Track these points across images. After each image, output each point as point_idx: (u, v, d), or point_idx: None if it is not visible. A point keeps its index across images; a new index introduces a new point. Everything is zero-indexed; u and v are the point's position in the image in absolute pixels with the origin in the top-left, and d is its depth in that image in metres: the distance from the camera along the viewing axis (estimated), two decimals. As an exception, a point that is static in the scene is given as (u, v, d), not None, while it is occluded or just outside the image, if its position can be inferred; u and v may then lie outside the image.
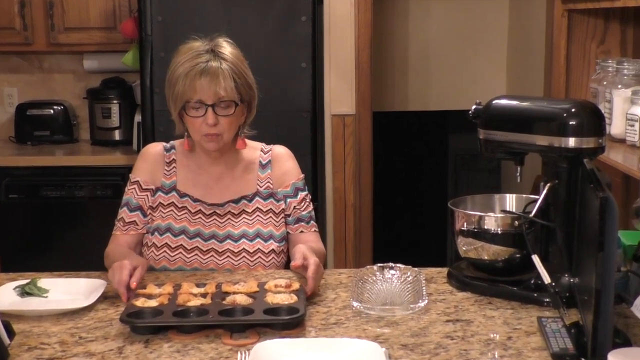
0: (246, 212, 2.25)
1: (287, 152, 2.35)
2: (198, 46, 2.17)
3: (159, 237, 2.22)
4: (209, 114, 2.12)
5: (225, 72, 2.12)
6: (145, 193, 2.25)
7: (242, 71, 2.16)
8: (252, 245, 2.22)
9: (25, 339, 1.71)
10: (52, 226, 3.92)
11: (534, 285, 1.89)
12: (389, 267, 1.94)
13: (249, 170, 2.29)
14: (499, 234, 1.94)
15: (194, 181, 2.26)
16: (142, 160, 2.30)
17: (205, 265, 2.21)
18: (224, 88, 2.11)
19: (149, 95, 3.54)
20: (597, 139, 1.82)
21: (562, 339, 1.61)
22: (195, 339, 1.68)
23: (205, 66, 2.11)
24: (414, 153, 5.87)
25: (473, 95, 3.86)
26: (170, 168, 2.27)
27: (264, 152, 2.31)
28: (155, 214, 2.24)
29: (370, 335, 1.70)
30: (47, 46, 4.12)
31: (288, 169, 2.31)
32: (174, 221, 2.22)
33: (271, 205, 2.27)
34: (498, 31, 4.84)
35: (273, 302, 1.81)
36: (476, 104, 2.03)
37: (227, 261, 2.21)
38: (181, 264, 2.20)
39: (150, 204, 2.25)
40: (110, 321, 1.81)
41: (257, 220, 2.25)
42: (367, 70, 3.91)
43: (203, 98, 2.12)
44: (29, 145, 4.28)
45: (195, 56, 2.14)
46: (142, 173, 2.27)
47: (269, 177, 2.29)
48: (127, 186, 2.28)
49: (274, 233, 2.25)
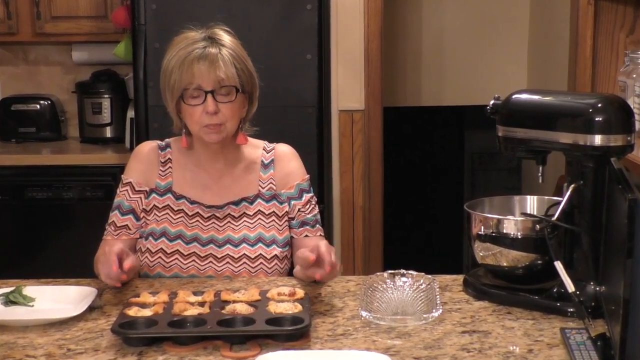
0: (247, 215, 2.26)
1: (291, 151, 2.35)
2: (194, 35, 2.18)
3: (154, 242, 2.22)
4: (209, 101, 2.12)
5: (225, 57, 2.13)
6: (139, 195, 2.26)
7: (242, 58, 2.17)
8: (254, 250, 2.22)
9: (10, 351, 1.71)
10: (39, 230, 3.93)
11: (557, 294, 1.89)
12: (400, 274, 1.94)
13: (250, 170, 2.29)
14: (519, 238, 1.94)
15: (191, 181, 2.27)
16: (135, 159, 2.31)
17: (203, 272, 2.21)
18: (224, 72, 2.11)
19: (142, 89, 3.55)
20: (626, 137, 1.82)
21: (588, 352, 1.61)
22: (193, 351, 1.69)
23: (203, 52, 2.12)
24: (428, 151, 5.88)
25: (491, 89, 3.84)
26: (165, 168, 2.28)
27: (267, 151, 2.32)
28: (149, 218, 2.25)
29: (380, 347, 1.71)
30: (33, 36, 4.13)
31: (292, 169, 2.31)
32: (170, 225, 2.23)
33: (274, 207, 2.27)
34: (518, 20, 4.84)
35: (276, 311, 1.81)
36: (494, 98, 2.03)
37: (226, 267, 2.22)
38: (177, 270, 2.21)
39: (144, 206, 2.25)
40: (101, 332, 1.81)
41: (258, 223, 2.25)
42: (377, 63, 3.91)
43: (202, 84, 2.12)
44: (14, 143, 4.29)
45: (190, 44, 2.15)
46: (135, 174, 2.28)
47: (272, 178, 2.29)
48: (118, 188, 2.28)
49: (277, 237, 2.25)
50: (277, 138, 2.39)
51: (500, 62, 4.88)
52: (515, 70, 4.85)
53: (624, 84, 2.80)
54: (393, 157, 5.14)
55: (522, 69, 4.86)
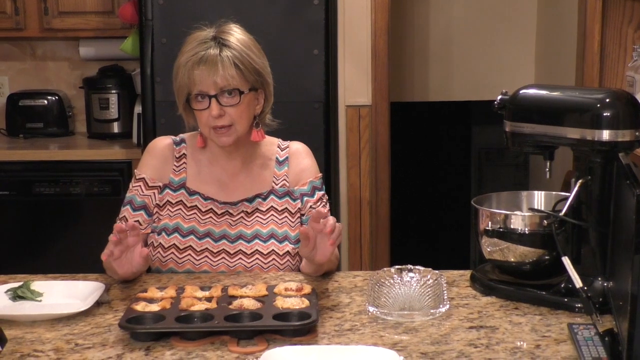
0: (260, 211, 2.26)
1: (305, 149, 2.35)
2: (204, 35, 2.18)
3: (166, 237, 2.22)
4: (213, 105, 2.12)
5: (225, 59, 2.12)
6: (152, 191, 2.25)
7: (246, 57, 2.15)
8: (266, 246, 2.23)
9: (18, 346, 1.72)
10: (46, 225, 3.94)
11: (565, 289, 1.89)
12: (407, 269, 1.94)
13: (265, 167, 2.29)
14: (527, 234, 1.94)
15: (206, 177, 2.27)
16: (149, 155, 2.30)
17: (216, 268, 2.22)
18: (222, 76, 2.11)
19: (149, 84, 3.55)
20: (634, 132, 1.82)
21: (595, 348, 1.60)
22: (200, 346, 1.69)
23: (204, 55, 2.12)
24: (435, 147, 5.87)
25: (499, 84, 3.85)
26: (179, 164, 2.28)
27: (281, 149, 2.32)
28: (162, 213, 2.25)
29: (388, 342, 1.71)
30: (40, 32, 4.13)
31: (306, 166, 2.32)
32: (183, 221, 2.23)
33: (287, 204, 2.27)
34: (526, 15, 4.82)
35: (283, 306, 1.81)
36: (502, 93, 2.02)
37: (239, 263, 2.22)
38: (190, 266, 2.21)
39: (157, 202, 2.25)
40: (109, 327, 1.82)
41: (271, 220, 2.25)
42: (385, 58, 3.91)
43: (204, 89, 2.13)
44: (21, 138, 4.30)
45: (197, 45, 2.15)
46: (149, 170, 2.27)
47: (286, 175, 2.29)
48: (131, 183, 2.28)
49: (289, 234, 2.25)
50: (284, 133, 2.39)
51: (507, 57, 4.87)
52: (522, 66, 4.84)
53: (632, 79, 2.79)
54: (400, 153, 5.14)
55: (530, 64, 4.85)
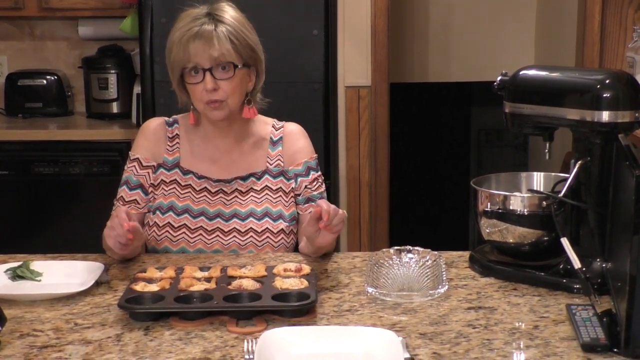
0: (254, 190, 2.26)
1: (300, 129, 2.35)
2: (196, 12, 2.19)
3: (161, 216, 2.23)
4: (207, 79, 2.14)
5: (220, 34, 2.13)
6: (146, 170, 2.26)
7: (241, 33, 2.17)
8: (260, 224, 2.23)
9: (17, 325, 1.72)
10: (45, 205, 3.94)
11: (563, 270, 1.89)
12: (406, 250, 1.94)
13: (258, 146, 2.30)
14: (526, 215, 1.94)
15: (199, 155, 2.28)
16: (142, 136, 2.31)
17: (211, 246, 2.22)
18: (218, 50, 2.12)
19: (149, 64, 3.54)
20: (634, 113, 1.81)
21: (593, 329, 1.61)
22: (199, 327, 1.69)
23: (199, 30, 2.13)
24: (434, 128, 5.86)
25: (498, 65, 3.82)
26: (173, 143, 2.28)
27: (276, 129, 2.32)
28: (157, 192, 2.26)
29: (386, 323, 1.71)
30: (39, 11, 4.11)
31: (300, 147, 2.32)
32: (177, 199, 2.24)
33: (281, 184, 2.28)
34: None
35: (282, 287, 1.82)
36: (502, 74, 2.02)
37: (233, 241, 2.22)
38: (184, 244, 2.22)
39: (152, 181, 2.26)
40: (108, 307, 1.82)
41: (265, 198, 2.26)
42: (384, 39, 3.89)
43: (199, 62, 2.14)
44: (20, 118, 4.29)
45: (190, 21, 2.16)
46: (143, 150, 2.28)
47: (280, 155, 2.29)
48: (126, 164, 2.30)
49: (284, 213, 2.26)
50: (282, 114, 2.39)
51: (507, 38, 4.85)
52: (522, 46, 4.82)
53: (632, 60, 2.79)
54: (399, 134, 5.13)
55: (530, 45, 4.83)
